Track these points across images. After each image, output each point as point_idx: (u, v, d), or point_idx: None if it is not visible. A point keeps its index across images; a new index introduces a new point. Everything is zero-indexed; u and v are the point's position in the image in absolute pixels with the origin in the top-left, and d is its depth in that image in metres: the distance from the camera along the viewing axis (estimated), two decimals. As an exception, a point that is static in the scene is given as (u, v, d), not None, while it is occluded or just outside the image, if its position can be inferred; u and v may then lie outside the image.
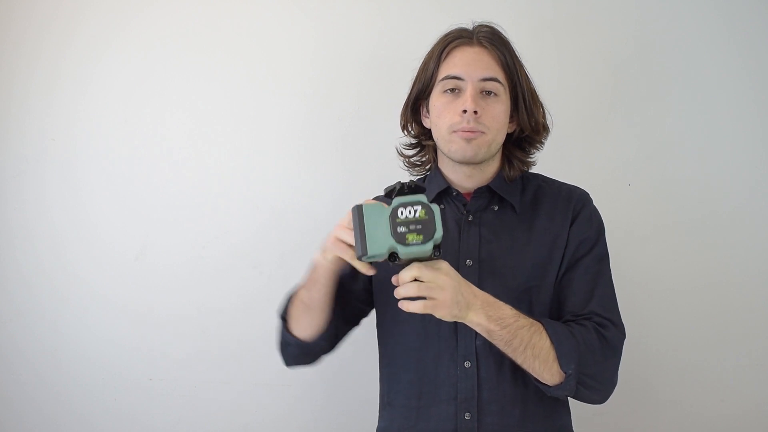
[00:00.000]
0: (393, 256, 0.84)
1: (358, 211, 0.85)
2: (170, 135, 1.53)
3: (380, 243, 0.83)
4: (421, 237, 0.83)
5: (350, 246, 0.87)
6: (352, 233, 0.85)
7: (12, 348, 1.52)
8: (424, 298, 0.87)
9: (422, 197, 0.85)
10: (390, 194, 0.88)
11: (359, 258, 0.86)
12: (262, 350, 1.50)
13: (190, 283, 1.51)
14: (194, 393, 1.50)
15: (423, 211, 0.84)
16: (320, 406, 1.50)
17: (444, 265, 0.89)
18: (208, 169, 1.52)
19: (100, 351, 1.51)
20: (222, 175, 1.52)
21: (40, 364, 1.52)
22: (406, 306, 0.87)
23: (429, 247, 0.84)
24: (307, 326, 1.04)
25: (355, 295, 1.13)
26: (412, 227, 0.83)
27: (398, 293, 0.88)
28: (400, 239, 0.83)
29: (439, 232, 0.84)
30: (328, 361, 1.48)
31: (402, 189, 0.86)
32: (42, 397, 1.52)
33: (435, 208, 0.84)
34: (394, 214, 0.84)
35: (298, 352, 1.09)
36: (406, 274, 0.87)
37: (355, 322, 1.17)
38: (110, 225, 1.52)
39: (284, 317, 1.08)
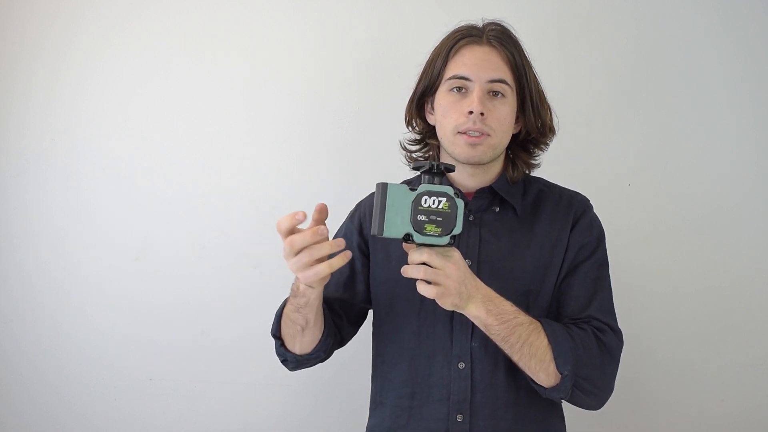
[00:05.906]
0: (407, 237, 0.84)
1: (382, 189, 0.84)
2: (171, 135, 1.53)
3: (398, 227, 0.83)
4: (439, 230, 0.83)
5: (317, 262, 0.84)
6: (310, 252, 0.83)
7: (13, 347, 1.52)
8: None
9: (449, 189, 0.84)
10: (417, 169, 0.87)
11: (373, 235, 0.85)
12: (261, 349, 1.51)
13: (190, 282, 1.51)
14: (194, 393, 1.51)
15: (447, 204, 0.84)
16: (320, 404, 1.51)
17: (455, 254, 0.88)
18: (209, 169, 1.52)
19: (100, 350, 1.51)
20: (222, 174, 1.52)
21: (41, 363, 1.52)
22: (420, 288, 0.87)
23: (445, 240, 0.84)
24: (304, 343, 1.03)
25: (358, 297, 1.13)
26: (432, 218, 0.83)
27: (405, 272, 0.88)
28: (418, 227, 0.83)
29: (458, 229, 0.84)
30: (328, 360, 1.50)
31: (431, 169, 0.85)
32: (43, 395, 1.52)
33: (460, 203, 0.84)
34: (417, 201, 0.83)
35: (298, 365, 1.08)
36: (416, 257, 0.87)
37: (364, 318, 1.17)
38: (111, 225, 1.52)
39: (278, 335, 1.06)
